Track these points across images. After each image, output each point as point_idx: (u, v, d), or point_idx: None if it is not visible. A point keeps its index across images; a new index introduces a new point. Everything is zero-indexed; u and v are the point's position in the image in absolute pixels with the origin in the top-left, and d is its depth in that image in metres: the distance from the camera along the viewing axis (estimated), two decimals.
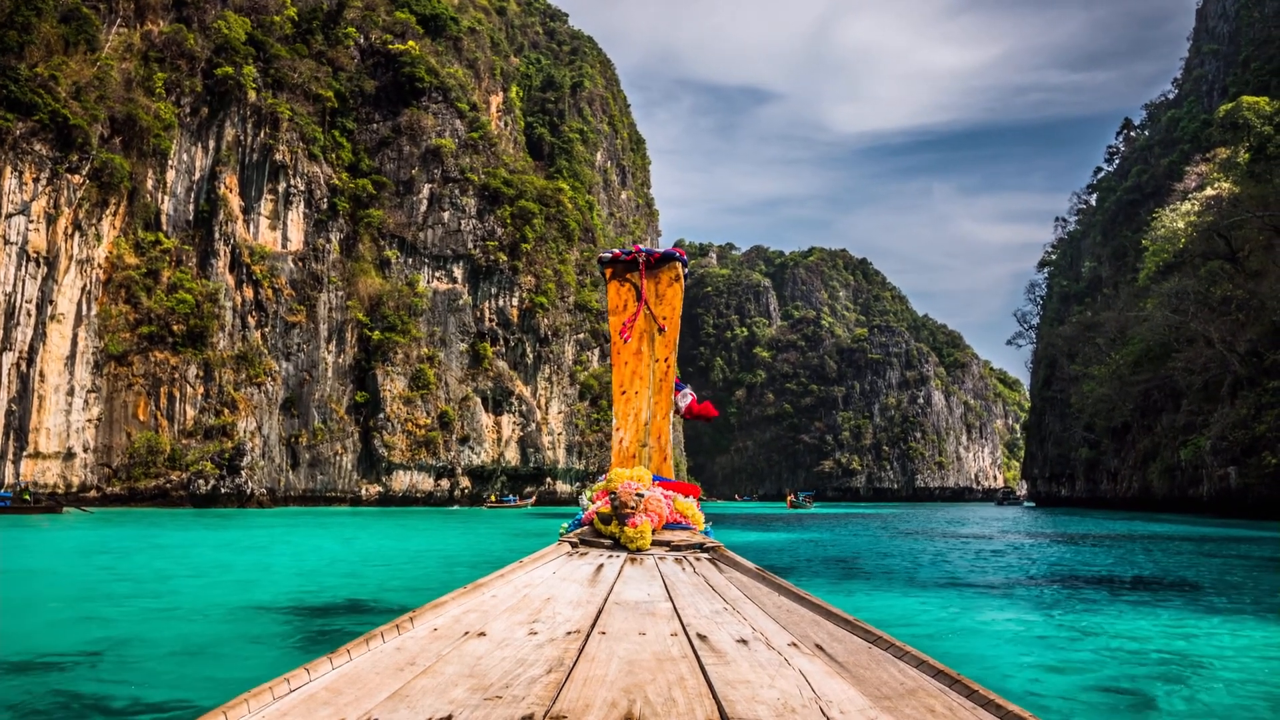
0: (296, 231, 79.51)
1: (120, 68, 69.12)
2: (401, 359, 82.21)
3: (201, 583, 15.69)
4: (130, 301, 68.98)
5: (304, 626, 10.53)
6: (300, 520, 45.33)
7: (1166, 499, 64.94)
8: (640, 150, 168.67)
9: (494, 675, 1.72)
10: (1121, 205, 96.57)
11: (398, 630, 2.10)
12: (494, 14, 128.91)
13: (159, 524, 37.88)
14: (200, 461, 66.96)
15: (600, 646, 1.98)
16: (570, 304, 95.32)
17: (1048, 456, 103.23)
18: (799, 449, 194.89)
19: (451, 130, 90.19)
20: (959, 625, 10.86)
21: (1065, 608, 12.47)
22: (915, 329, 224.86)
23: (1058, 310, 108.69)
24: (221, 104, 75.46)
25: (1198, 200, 59.34)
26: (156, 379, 68.82)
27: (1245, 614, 11.80)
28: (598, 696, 1.57)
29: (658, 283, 5.20)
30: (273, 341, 76.33)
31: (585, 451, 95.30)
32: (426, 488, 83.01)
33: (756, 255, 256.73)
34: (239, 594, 13.68)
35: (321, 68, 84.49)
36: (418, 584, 15.71)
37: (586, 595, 2.69)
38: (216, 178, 74.74)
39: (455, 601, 2.50)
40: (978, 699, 1.60)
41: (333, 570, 18.62)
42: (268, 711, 1.48)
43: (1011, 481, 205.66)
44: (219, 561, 20.25)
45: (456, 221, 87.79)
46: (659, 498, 4.03)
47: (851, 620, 2.28)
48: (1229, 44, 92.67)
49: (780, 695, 1.60)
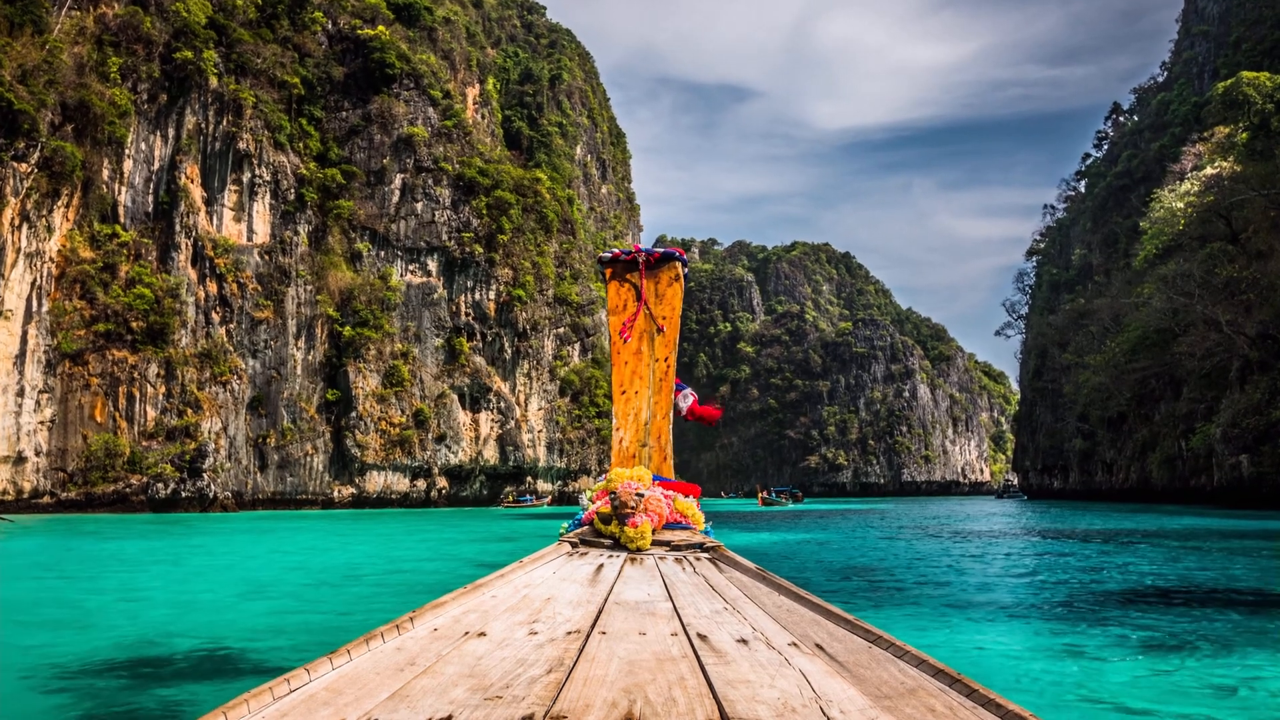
0: (262, 223, 76.23)
1: (72, 52, 65.71)
2: (374, 355, 79.13)
3: (63, 615, 12.89)
4: (85, 297, 65.62)
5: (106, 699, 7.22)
6: (260, 525, 42.39)
7: (1167, 490, 63.00)
8: (621, 144, 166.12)
9: (494, 675, 1.72)
10: (1112, 191, 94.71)
11: (398, 630, 2.08)
12: (470, 6, 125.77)
13: (100, 532, 34.82)
14: (159, 464, 63.71)
15: (600, 646, 1.97)
16: (549, 297, 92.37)
17: (1039, 448, 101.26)
18: (784, 444, 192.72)
19: (424, 118, 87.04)
20: (1061, 675, 8.15)
21: (1188, 637, 9.84)
22: (899, 323, 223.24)
23: (1048, 299, 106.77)
24: (181, 90, 72.06)
25: (1198, 180, 57.20)
26: (114, 378, 65.50)
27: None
28: (598, 696, 1.57)
29: (657, 282, 5.22)
30: (238, 338, 73.10)
31: (567, 449, 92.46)
32: (402, 489, 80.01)
33: (739, 250, 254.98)
34: (71, 638, 10.78)
35: (287, 53, 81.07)
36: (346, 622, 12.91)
37: (586, 595, 2.65)
38: (177, 167, 71.35)
39: (455, 601, 2.47)
40: (978, 698, 1.60)
41: (255, 596, 15.83)
42: (268, 712, 1.49)
43: (998, 474, 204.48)
44: (120, 583, 17.42)
45: (430, 212, 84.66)
46: (659, 497, 4.01)
47: (851, 620, 2.25)
48: (1219, 25, 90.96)
49: (780, 695, 1.61)
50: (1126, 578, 15.23)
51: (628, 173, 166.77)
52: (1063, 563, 18.31)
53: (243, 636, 9.95)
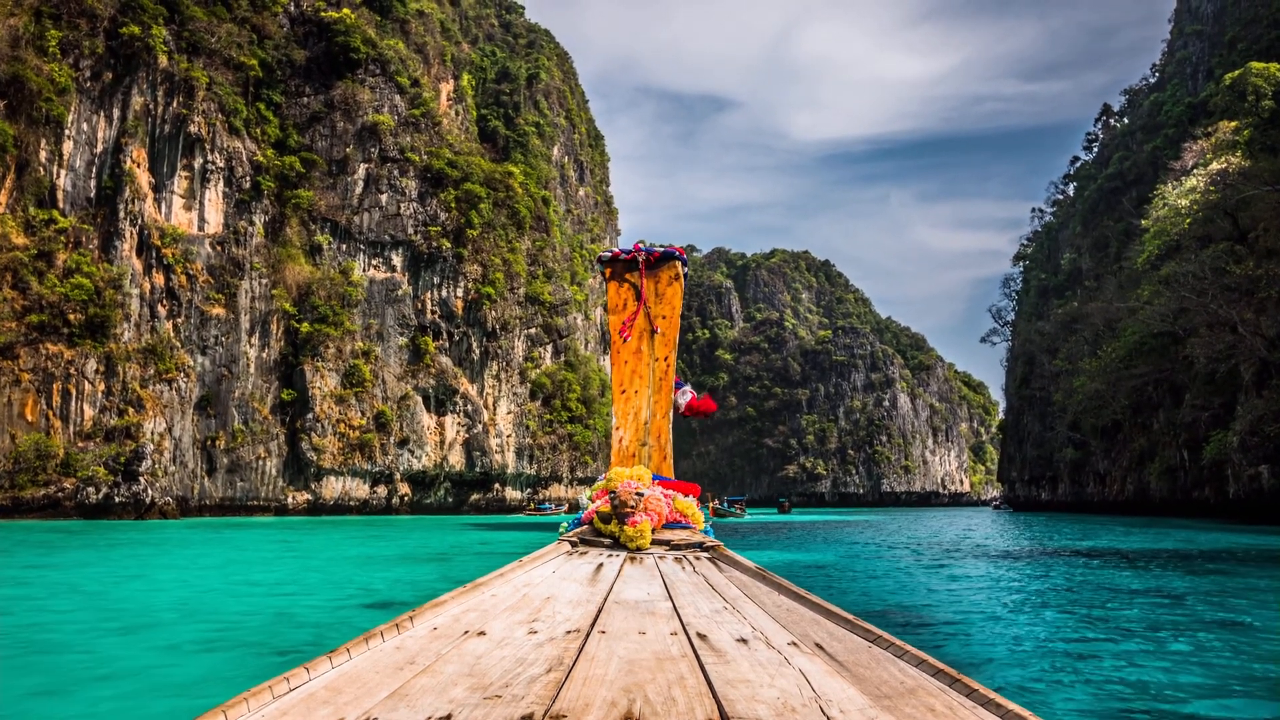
0: (215, 212, 71.74)
1: (6, 23, 61.23)
2: (333, 354, 74.78)
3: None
4: (18, 287, 60.96)
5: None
6: (197, 535, 38.09)
7: (1167, 503, 59.83)
8: (599, 146, 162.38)
9: (493, 674, 1.72)
10: (1102, 194, 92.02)
11: (397, 629, 2.07)
12: (446, 3, 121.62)
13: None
14: (92, 466, 59.04)
15: (600, 646, 1.97)
16: (520, 296, 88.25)
17: (1026, 458, 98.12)
18: (762, 453, 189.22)
19: (390, 106, 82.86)
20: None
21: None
22: (879, 331, 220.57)
23: (1036, 305, 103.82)
24: (127, 68, 67.54)
25: (1203, 176, 54.22)
26: (48, 374, 60.82)
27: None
28: (597, 696, 1.57)
29: (657, 282, 5.23)
30: (186, 333, 68.56)
31: (537, 455, 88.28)
32: (361, 495, 75.61)
33: (718, 257, 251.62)
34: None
35: (244, 33, 76.67)
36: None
37: (586, 594, 2.65)
38: (122, 150, 66.77)
39: (455, 601, 2.46)
40: (978, 698, 1.59)
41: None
42: (267, 710, 1.49)
43: (978, 485, 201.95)
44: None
45: (395, 205, 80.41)
46: (659, 497, 3.98)
47: (851, 619, 2.25)
48: (1213, 24, 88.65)
49: (780, 694, 1.61)
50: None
51: (606, 175, 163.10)
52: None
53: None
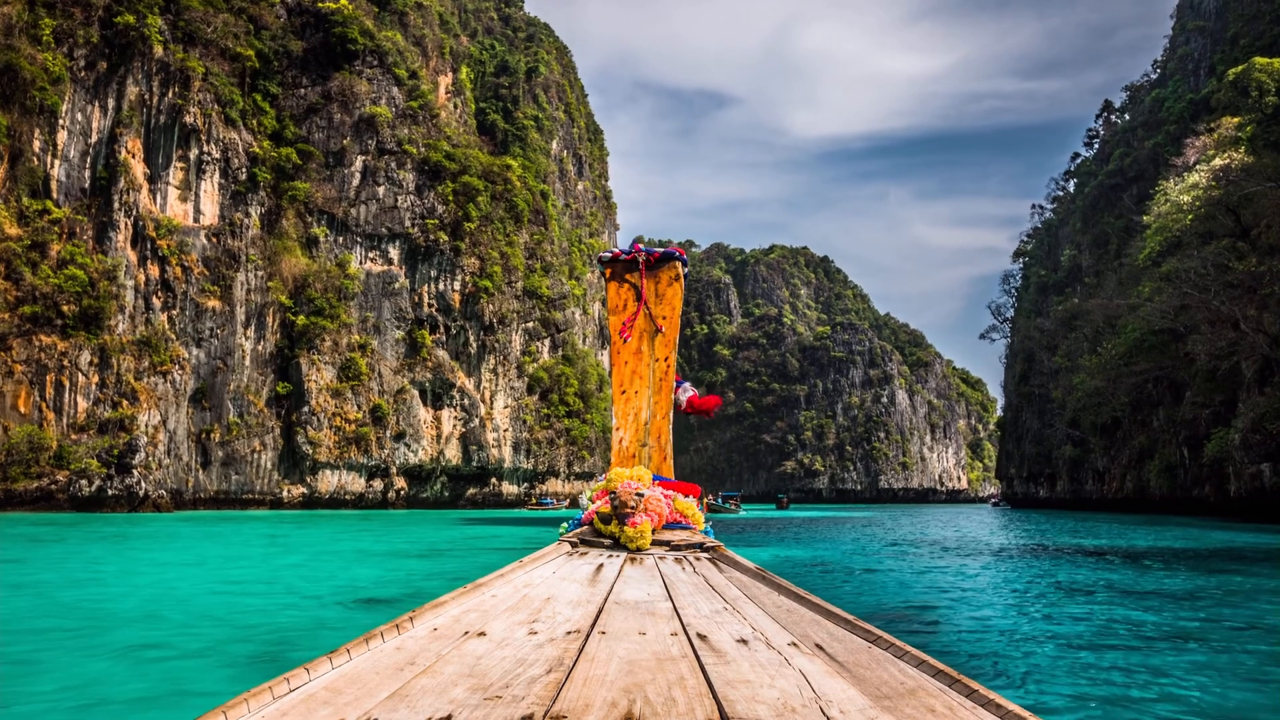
0: (210, 204, 71.20)
1: (0, 12, 60.68)
2: (329, 347, 74.33)
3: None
4: (11, 278, 60.50)
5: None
6: (187, 529, 37.71)
7: (1166, 500, 59.58)
8: (598, 141, 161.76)
9: (494, 675, 1.72)
10: (1103, 190, 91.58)
11: (397, 630, 2.07)
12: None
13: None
14: (85, 459, 58.59)
15: (600, 646, 1.97)
16: (518, 289, 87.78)
17: (1025, 455, 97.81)
18: (760, 449, 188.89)
19: (388, 98, 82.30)
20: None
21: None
22: (877, 328, 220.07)
23: (1035, 302, 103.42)
24: (122, 58, 66.99)
25: (1206, 171, 53.80)
26: (41, 365, 60.40)
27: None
28: (598, 696, 1.57)
29: (657, 282, 5.20)
30: (181, 325, 68.09)
31: (534, 450, 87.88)
32: (357, 489, 75.21)
33: (717, 252, 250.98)
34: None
35: (240, 23, 76.06)
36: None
37: (586, 595, 2.65)
38: (117, 141, 66.25)
39: (455, 601, 2.46)
40: (978, 698, 1.59)
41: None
42: (267, 711, 1.49)
43: (975, 482, 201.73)
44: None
45: (392, 197, 79.89)
46: (659, 497, 3.97)
47: (852, 620, 2.25)
48: (1216, 20, 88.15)
49: (780, 695, 1.61)
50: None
51: (605, 170, 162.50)
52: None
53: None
